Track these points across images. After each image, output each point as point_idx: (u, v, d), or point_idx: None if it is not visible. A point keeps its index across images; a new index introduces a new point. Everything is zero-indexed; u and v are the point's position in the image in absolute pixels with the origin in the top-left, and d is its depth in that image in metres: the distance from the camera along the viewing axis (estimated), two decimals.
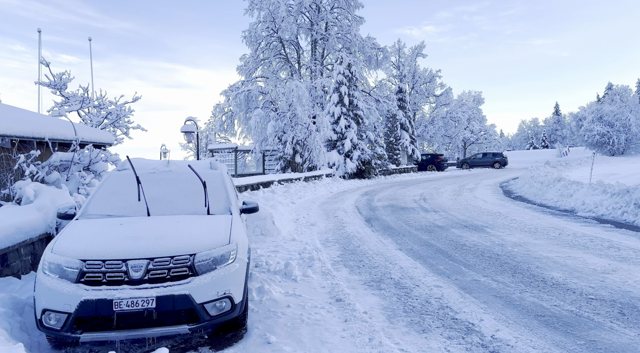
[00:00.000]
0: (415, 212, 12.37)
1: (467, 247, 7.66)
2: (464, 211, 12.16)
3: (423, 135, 51.04)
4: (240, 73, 31.89)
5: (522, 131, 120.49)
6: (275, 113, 22.15)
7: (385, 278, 5.95)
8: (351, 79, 27.92)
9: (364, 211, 12.93)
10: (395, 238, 8.71)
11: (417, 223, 10.39)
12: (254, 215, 8.66)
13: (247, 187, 16.54)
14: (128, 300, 3.31)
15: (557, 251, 7.13)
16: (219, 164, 5.36)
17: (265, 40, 31.75)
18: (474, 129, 57.55)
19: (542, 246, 7.58)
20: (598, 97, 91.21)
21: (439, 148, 59.90)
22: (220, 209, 4.51)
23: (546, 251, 7.21)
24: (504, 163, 41.56)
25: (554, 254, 6.97)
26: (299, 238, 8.76)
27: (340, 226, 10.24)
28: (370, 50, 32.92)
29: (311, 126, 21.95)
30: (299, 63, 33.27)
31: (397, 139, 36.03)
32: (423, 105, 51.18)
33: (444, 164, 40.05)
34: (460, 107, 51.99)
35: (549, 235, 8.47)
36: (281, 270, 6.01)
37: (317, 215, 12.17)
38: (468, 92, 61.93)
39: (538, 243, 7.83)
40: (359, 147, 27.52)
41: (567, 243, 7.77)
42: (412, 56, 47.45)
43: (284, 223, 9.63)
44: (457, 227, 9.71)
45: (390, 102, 34.41)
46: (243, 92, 22.99)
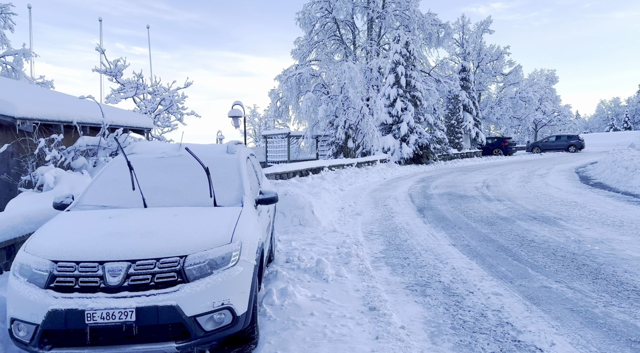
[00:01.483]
0: (475, 201, 11.16)
1: (536, 244, 6.52)
2: (533, 201, 10.78)
3: (489, 117, 47.96)
4: (295, 57, 31.34)
5: (601, 112, 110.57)
6: (327, 96, 21.35)
7: (433, 281, 5.06)
8: (409, 59, 26.39)
9: (417, 199, 11.90)
10: (449, 231, 7.71)
11: (476, 214, 9.26)
12: (292, 204, 8.03)
13: (295, 173, 16.01)
14: (103, 311, 2.75)
15: None
16: (238, 148, 4.71)
17: (319, 21, 30.85)
18: (547, 110, 53.23)
19: (630, 244, 6.27)
20: None
21: (507, 130, 56.11)
22: (230, 200, 3.86)
23: (636, 250, 5.92)
24: (580, 146, 37.98)
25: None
26: (341, 229, 8.01)
27: (388, 216, 9.36)
28: (431, 27, 30.98)
29: (364, 109, 20.94)
30: (354, 44, 32.09)
31: (459, 122, 33.95)
32: (489, 85, 47.97)
33: (511, 148, 37.32)
34: (531, 87, 48.16)
35: (639, 230, 7.07)
36: (312, 268, 5.32)
37: (364, 203, 11.34)
38: (540, 71, 57.33)
39: (625, 240, 6.51)
40: (416, 130, 26.08)
41: None
42: (478, 32, 44.38)
43: (326, 212, 8.92)
44: (524, 219, 8.48)
45: (452, 82, 32.33)
46: (294, 75, 22.41)
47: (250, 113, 74.71)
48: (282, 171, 14.87)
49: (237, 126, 14.15)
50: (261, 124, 71.03)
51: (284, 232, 7.67)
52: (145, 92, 18.25)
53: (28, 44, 25.15)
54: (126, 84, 17.67)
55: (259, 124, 72.30)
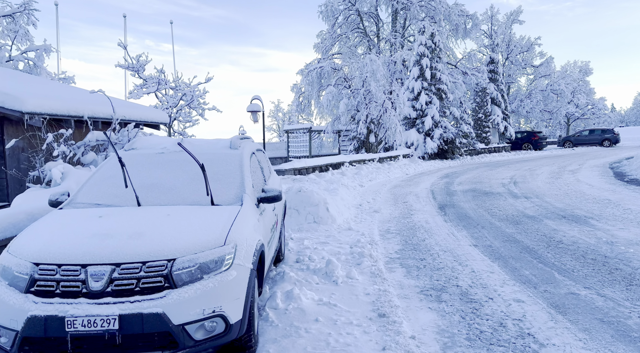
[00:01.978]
0: (501, 198, 10.67)
1: (564, 245, 6.09)
2: (563, 198, 10.22)
3: (518, 111, 46.47)
4: (317, 51, 31.03)
5: (638, 105, 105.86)
6: (348, 90, 20.98)
7: (450, 285, 4.73)
8: (434, 50, 25.69)
9: (440, 196, 11.49)
10: (471, 230, 7.33)
11: (501, 212, 8.82)
12: (307, 201, 7.80)
13: (315, 169, 15.79)
14: (84, 318, 2.58)
15: None
16: (243, 143, 4.50)
17: (342, 14, 30.42)
18: (580, 103, 51.21)
19: None
20: None
21: (537, 124, 54.31)
22: (229, 199, 3.65)
23: None
24: (615, 140, 36.33)
25: None
26: (356, 227, 7.73)
27: (407, 214, 9.01)
28: (458, 18, 30.10)
29: (386, 103, 20.48)
30: (378, 37, 31.53)
31: (487, 116, 32.97)
32: (519, 77, 46.46)
33: (542, 143, 36.03)
34: (564, 79, 46.35)
35: None
36: (322, 269, 5.07)
37: (383, 200, 11.01)
38: (573, 63, 55.14)
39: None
40: (441, 125, 25.42)
41: None
42: (507, 23, 42.94)
43: (342, 209, 8.65)
44: (553, 218, 8.00)
45: (479, 75, 31.40)
46: (315, 69, 22.11)
47: (274, 108, 74.79)
48: (301, 167, 14.67)
49: (256, 120, 14.01)
50: (285, 119, 71.07)
51: (297, 230, 7.45)
52: (167, 87, 18.34)
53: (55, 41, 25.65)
54: (148, 80, 17.79)
55: (282, 119, 72.35)
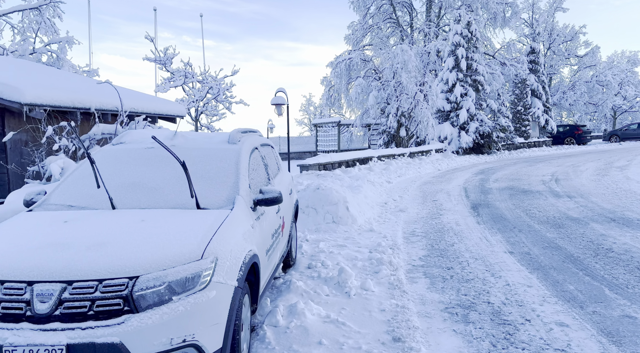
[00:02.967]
0: (541, 197, 9.79)
1: (615, 254, 5.31)
2: (611, 198, 9.25)
3: (560, 103, 44.10)
4: (348, 42, 30.24)
5: None
6: (378, 82, 20.20)
7: (480, 301, 4.10)
8: (470, 40, 24.47)
9: (473, 194, 10.70)
10: (507, 234, 6.60)
11: (541, 214, 8.01)
12: (325, 199, 7.26)
13: (341, 164, 15.22)
14: (25, 348, 2.16)
15: None
16: (244, 137, 4.00)
17: (374, 4, 29.48)
18: (628, 95, 48.15)
19: None
20: None
21: (581, 117, 51.55)
22: (219, 201, 3.17)
23: None
24: None
25: None
26: (378, 228, 7.14)
27: (435, 214, 8.33)
28: (496, 5, 28.59)
29: (418, 95, 19.60)
30: (411, 27, 30.43)
31: (527, 108, 31.34)
32: (561, 68, 44.06)
33: (586, 137, 34.01)
34: (610, 70, 43.61)
35: None
36: (334, 278, 4.54)
37: (411, 198, 10.34)
38: (621, 53, 51.97)
39: None
40: (477, 118, 24.23)
41: None
42: (550, 11, 40.67)
43: (364, 208, 8.07)
44: (600, 221, 7.15)
45: (519, 65, 29.79)
46: (344, 60, 21.43)
47: (306, 102, 74.53)
48: (326, 162, 14.13)
49: (281, 114, 13.56)
50: (316, 113, 70.61)
51: (314, 230, 6.95)
52: (195, 80, 18.20)
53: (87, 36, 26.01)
54: (175, 73, 17.70)
55: (314, 113, 71.94)
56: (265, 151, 4.50)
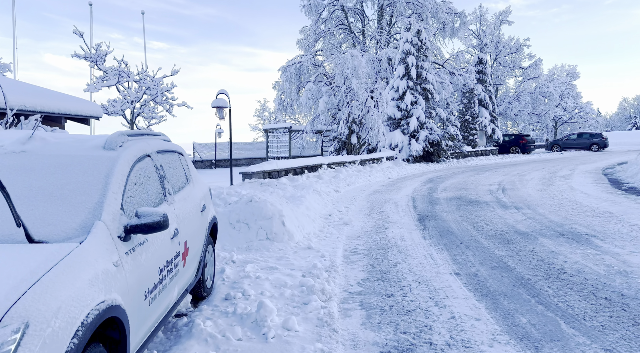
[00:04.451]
0: (489, 208, 9.49)
1: (567, 275, 4.88)
2: (558, 209, 9.07)
3: (506, 113, 45.72)
4: (300, 47, 29.70)
5: (623, 110, 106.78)
6: (329, 88, 19.71)
7: (421, 341, 3.46)
8: (420, 48, 24.57)
9: (421, 205, 10.27)
10: (453, 251, 6.09)
11: (489, 227, 7.62)
12: (258, 213, 6.48)
13: (288, 171, 14.48)
14: None
15: None
16: (130, 142, 3.14)
17: (326, 9, 29.14)
18: (567, 106, 50.82)
19: None
20: None
21: (525, 127, 53.81)
22: (66, 230, 2.32)
23: None
24: (604, 144, 35.74)
25: None
26: (318, 245, 6.45)
27: (381, 228, 7.76)
28: (445, 15, 29.03)
29: (369, 102, 19.26)
30: (363, 34, 30.32)
31: (474, 118, 32.01)
32: (507, 79, 45.69)
33: (530, 146, 35.23)
34: (552, 82, 45.78)
35: None
36: (252, 314, 3.77)
37: (357, 209, 9.75)
38: (561, 66, 54.80)
39: None
40: (427, 126, 24.31)
41: None
42: (496, 24, 42.12)
43: (305, 221, 7.36)
44: (549, 235, 6.82)
45: (467, 75, 30.38)
46: (294, 64, 20.79)
47: (260, 107, 73.54)
48: (272, 169, 13.34)
49: (222, 117, 12.63)
50: (271, 119, 69.67)
51: (245, 249, 6.15)
52: (131, 80, 16.89)
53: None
54: (109, 72, 16.32)
55: (268, 119, 70.96)
56: (166, 159, 3.67)
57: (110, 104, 16.15)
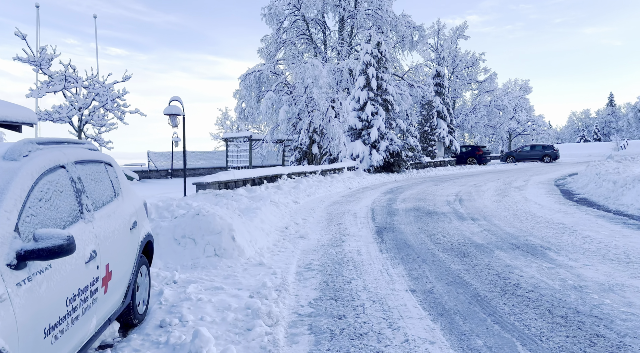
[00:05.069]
0: (446, 220, 9.44)
1: (523, 291, 4.77)
2: (513, 220, 9.13)
3: (463, 125, 47.05)
4: (261, 56, 29.36)
5: (572, 123, 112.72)
6: (290, 96, 19.47)
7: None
8: (380, 60, 24.83)
9: (380, 216, 10.11)
10: (410, 266, 5.90)
11: (446, 239, 7.51)
12: (205, 228, 6.07)
13: (246, 181, 14.06)
14: None
15: None
16: (40, 152, 2.72)
17: (288, 18, 29.03)
18: (521, 119, 52.90)
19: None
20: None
21: (481, 139, 55.57)
22: None
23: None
24: (555, 156, 37.29)
25: None
26: (270, 261, 6.10)
27: (338, 241, 7.50)
28: (405, 29, 29.57)
29: (330, 112, 19.16)
30: (325, 44, 30.38)
31: (433, 129, 32.64)
32: (464, 92, 47.10)
33: (486, 157, 36.27)
34: (506, 95, 47.59)
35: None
36: (186, 345, 3.38)
37: (315, 221, 9.47)
38: (514, 80, 57.14)
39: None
40: (387, 137, 24.49)
41: None
42: (453, 38, 43.41)
43: (258, 235, 6.99)
44: (505, 247, 6.76)
45: (426, 88, 30.99)
46: (254, 73, 20.41)
47: (222, 116, 72.54)
48: (228, 180, 12.87)
49: (175, 125, 12.08)
50: (232, 128, 68.70)
51: (190, 266, 5.71)
52: (79, 85, 15.97)
53: None
54: (54, 76, 15.37)
55: (230, 127, 69.95)
56: (88, 170, 3.25)
57: (55, 111, 15.18)
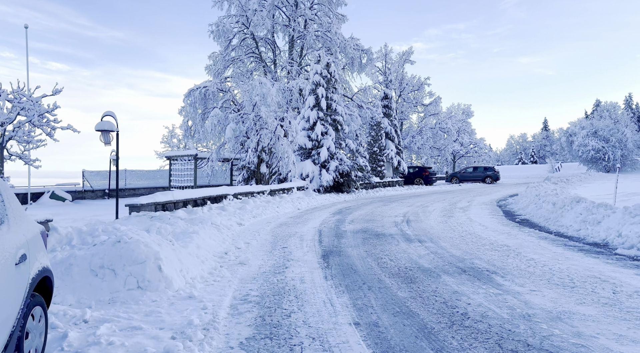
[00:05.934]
0: (394, 242, 9.22)
1: (472, 321, 4.50)
2: (459, 242, 9.05)
3: (410, 146, 48.29)
4: (209, 73, 28.67)
5: (510, 146, 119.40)
6: (237, 114, 18.94)
7: None
8: (330, 81, 24.92)
9: (327, 238, 9.74)
10: (355, 294, 5.52)
11: (393, 263, 7.23)
12: (128, 257, 5.40)
13: (188, 202, 13.27)
14: None
15: (638, 341, 4.00)
16: None
17: (237, 36, 28.64)
18: (464, 141, 55.23)
19: (599, 323, 4.45)
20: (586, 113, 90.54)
21: (427, 160, 57.31)
22: None
23: (612, 337, 4.08)
24: (496, 177, 38.91)
25: (634, 349, 3.84)
26: (202, 293, 5.51)
27: (281, 267, 7.01)
28: (354, 51, 30.04)
29: (279, 130, 18.79)
30: (275, 63, 30.22)
31: (382, 150, 33.09)
32: (411, 114, 48.51)
33: (432, 178, 37.19)
34: (450, 119, 49.57)
35: (598, 295, 5.34)
36: None
37: (259, 245, 8.93)
38: (457, 105, 59.80)
39: (589, 314, 4.69)
40: (337, 157, 24.42)
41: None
42: (400, 62, 44.82)
43: (191, 263, 6.37)
44: (452, 272, 6.56)
45: (374, 109, 31.48)
46: (199, 89, 19.74)
47: (169, 134, 70.43)
48: (166, 201, 12.06)
49: (108, 142, 11.19)
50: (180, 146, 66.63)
51: (108, 302, 5.02)
52: (2, 99, 14.63)
53: None
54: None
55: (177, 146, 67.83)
56: None
57: None
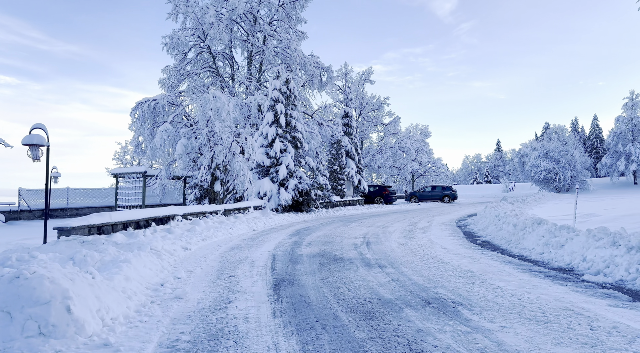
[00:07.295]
0: (352, 267, 8.53)
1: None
2: (421, 267, 8.48)
3: (371, 165, 48.36)
4: (162, 87, 27.43)
5: (466, 166, 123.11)
6: (189, 129, 17.94)
7: None
8: (289, 97, 24.37)
9: (280, 264, 8.93)
10: (306, 336, 4.75)
11: (351, 293, 6.52)
12: (28, 296, 4.41)
13: (129, 224, 12.10)
14: None
15: None
16: None
17: (193, 50, 27.69)
18: (422, 161, 56.07)
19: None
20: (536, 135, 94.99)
21: (387, 179, 57.66)
22: None
23: None
24: (454, 197, 39.39)
25: None
26: (120, 339, 4.57)
27: (224, 301, 6.14)
28: (314, 69, 29.75)
29: (234, 147, 17.91)
30: (233, 79, 29.40)
31: (342, 168, 32.71)
32: (371, 133, 48.75)
33: (392, 197, 37.15)
34: (409, 138, 50.23)
35: (575, 333, 4.83)
36: None
37: (203, 274, 7.99)
38: (415, 125, 60.96)
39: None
40: (297, 175, 23.71)
41: None
42: (360, 81, 45.12)
43: (114, 300, 5.39)
44: (415, 304, 5.93)
45: (335, 127, 31.17)
46: (147, 102, 18.64)
47: (121, 150, 67.61)
48: (103, 223, 10.88)
49: (37, 158, 10.00)
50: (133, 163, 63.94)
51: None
52: None
53: None
54: None
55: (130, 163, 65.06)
56: None
57: None
